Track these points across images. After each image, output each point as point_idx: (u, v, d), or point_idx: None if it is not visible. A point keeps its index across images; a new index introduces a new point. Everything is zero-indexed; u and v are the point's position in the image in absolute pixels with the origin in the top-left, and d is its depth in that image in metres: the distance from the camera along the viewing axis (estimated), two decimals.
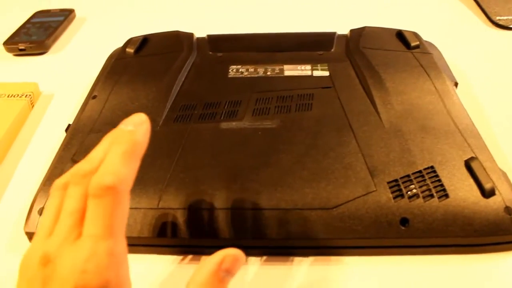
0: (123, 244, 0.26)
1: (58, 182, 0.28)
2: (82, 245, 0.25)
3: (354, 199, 0.37)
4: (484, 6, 0.74)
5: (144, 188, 0.39)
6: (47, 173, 0.42)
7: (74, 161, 0.41)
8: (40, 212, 0.38)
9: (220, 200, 0.38)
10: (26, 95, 0.55)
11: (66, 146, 0.44)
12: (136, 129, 0.29)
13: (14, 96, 0.55)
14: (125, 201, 0.26)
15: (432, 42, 0.59)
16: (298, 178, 0.39)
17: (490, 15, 0.72)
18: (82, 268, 0.24)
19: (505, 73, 0.59)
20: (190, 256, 0.38)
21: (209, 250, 0.30)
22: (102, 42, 0.71)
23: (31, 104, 0.56)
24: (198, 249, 0.38)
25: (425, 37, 0.58)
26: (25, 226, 0.38)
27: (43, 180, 0.41)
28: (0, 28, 0.72)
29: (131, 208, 0.30)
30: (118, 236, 0.26)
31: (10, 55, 0.67)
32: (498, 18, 0.71)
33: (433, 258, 0.38)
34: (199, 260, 0.38)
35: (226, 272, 0.28)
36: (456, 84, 0.52)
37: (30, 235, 0.38)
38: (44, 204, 0.39)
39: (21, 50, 0.66)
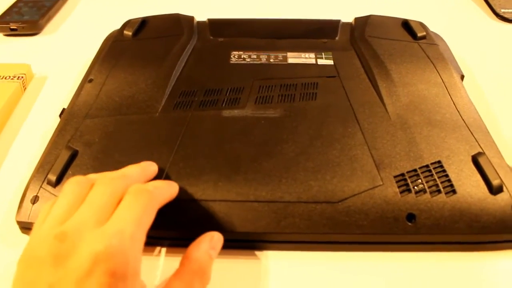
0: (143, 238, 0.28)
1: (75, 178, 0.31)
2: (110, 225, 0.28)
3: (360, 193, 0.36)
4: None
5: None
6: (40, 160, 0.40)
7: (69, 147, 0.40)
8: (33, 200, 0.37)
9: (222, 191, 0.36)
10: (18, 77, 0.53)
11: (60, 131, 0.42)
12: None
13: (5, 78, 0.52)
14: (155, 209, 0.30)
15: (436, 33, 0.58)
16: (303, 170, 0.38)
17: (494, 7, 0.70)
18: (107, 242, 0.26)
19: (509, 66, 0.58)
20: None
21: None
22: (97, 23, 0.69)
23: (23, 86, 0.54)
24: None
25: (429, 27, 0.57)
26: (17, 215, 0.37)
27: (36, 167, 0.39)
28: None
29: None
30: (143, 229, 0.29)
31: (0, 35, 0.65)
32: (503, 10, 0.70)
33: (440, 254, 0.37)
34: None
35: (213, 250, 0.33)
36: (462, 77, 0.51)
37: (21, 224, 0.37)
38: (38, 193, 0.37)
39: (12, 30, 0.64)
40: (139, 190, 0.30)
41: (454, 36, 0.60)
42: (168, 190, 0.34)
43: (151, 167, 0.36)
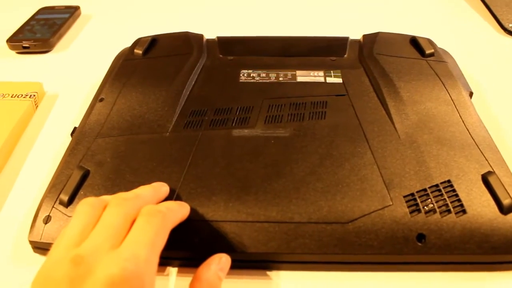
0: (157, 260, 0.29)
1: (88, 199, 0.32)
2: (124, 248, 0.28)
3: (370, 213, 0.36)
4: (496, 13, 0.73)
5: None
6: (53, 179, 0.40)
7: (81, 167, 0.40)
8: (46, 220, 0.37)
9: (232, 212, 0.37)
10: (30, 95, 0.54)
11: (72, 151, 0.42)
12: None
13: (18, 96, 0.53)
14: (168, 230, 0.31)
15: (444, 50, 0.58)
16: (313, 190, 0.38)
17: (502, 22, 0.71)
18: (123, 266, 0.26)
19: None
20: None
21: None
22: (108, 41, 0.70)
23: (35, 105, 0.54)
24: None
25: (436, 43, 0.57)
26: (30, 234, 0.37)
27: (48, 187, 0.40)
28: (4, 25, 0.70)
29: None
30: (156, 252, 0.29)
31: (13, 52, 0.66)
32: (510, 25, 0.70)
33: (450, 275, 0.37)
34: None
35: (222, 272, 0.33)
36: (471, 94, 0.51)
37: (34, 244, 0.37)
38: (50, 213, 0.37)
39: (24, 48, 0.65)
40: (152, 212, 0.31)
41: (462, 52, 0.60)
42: (180, 211, 0.34)
43: (162, 188, 0.36)
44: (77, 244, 0.28)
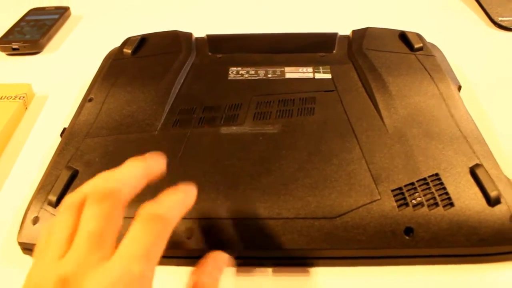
0: (154, 273, 0.25)
1: (70, 200, 0.28)
2: (115, 263, 0.24)
3: (358, 208, 0.37)
4: (486, 7, 0.73)
5: (140, 196, 0.37)
6: (42, 180, 0.40)
7: (70, 167, 0.40)
8: (34, 221, 0.37)
9: (220, 209, 0.37)
10: (20, 97, 0.54)
11: (61, 151, 0.42)
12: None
13: (7, 98, 0.53)
14: (168, 236, 0.27)
15: (433, 44, 0.58)
16: (301, 186, 0.38)
17: (492, 15, 0.71)
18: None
19: (507, 75, 0.58)
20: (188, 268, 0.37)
21: None
22: (98, 41, 0.69)
23: (25, 106, 0.54)
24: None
25: (425, 38, 0.57)
26: (18, 236, 0.37)
27: (37, 188, 0.40)
28: None
29: (126, 217, 0.27)
30: (153, 264, 0.25)
31: (3, 54, 0.66)
32: (500, 19, 0.70)
33: (438, 268, 0.37)
34: None
35: (218, 270, 0.31)
36: (459, 88, 0.51)
37: (23, 246, 0.37)
38: (39, 213, 0.37)
39: (14, 49, 0.65)
40: (150, 219, 0.27)
41: (451, 46, 0.60)
42: (184, 203, 0.30)
43: (156, 165, 0.32)
44: (60, 255, 0.25)
